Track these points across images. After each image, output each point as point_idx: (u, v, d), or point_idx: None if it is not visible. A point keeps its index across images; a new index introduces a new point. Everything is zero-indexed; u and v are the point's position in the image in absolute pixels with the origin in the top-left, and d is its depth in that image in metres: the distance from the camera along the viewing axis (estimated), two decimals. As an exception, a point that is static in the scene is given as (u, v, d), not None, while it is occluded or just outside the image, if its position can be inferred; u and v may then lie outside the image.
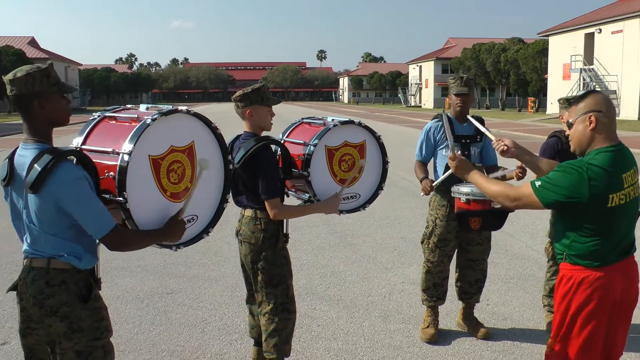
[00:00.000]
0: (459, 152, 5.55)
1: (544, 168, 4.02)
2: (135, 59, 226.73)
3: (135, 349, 5.74)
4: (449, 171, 5.58)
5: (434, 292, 5.95)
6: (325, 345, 5.79)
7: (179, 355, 5.61)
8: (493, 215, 5.34)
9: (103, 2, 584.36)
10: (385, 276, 7.92)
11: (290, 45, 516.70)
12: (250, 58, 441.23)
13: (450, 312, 6.48)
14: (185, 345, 5.82)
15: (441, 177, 5.64)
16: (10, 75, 3.09)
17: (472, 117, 5.54)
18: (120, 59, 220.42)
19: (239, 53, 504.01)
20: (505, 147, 4.16)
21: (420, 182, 5.78)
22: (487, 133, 5.13)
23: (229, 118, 35.20)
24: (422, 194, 5.76)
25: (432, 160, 6.02)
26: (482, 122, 5.72)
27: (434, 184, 5.64)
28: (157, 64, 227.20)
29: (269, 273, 4.55)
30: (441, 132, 5.85)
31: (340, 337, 5.97)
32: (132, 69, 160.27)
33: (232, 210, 4.24)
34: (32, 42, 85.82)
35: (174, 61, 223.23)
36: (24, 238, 3.24)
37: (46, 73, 3.10)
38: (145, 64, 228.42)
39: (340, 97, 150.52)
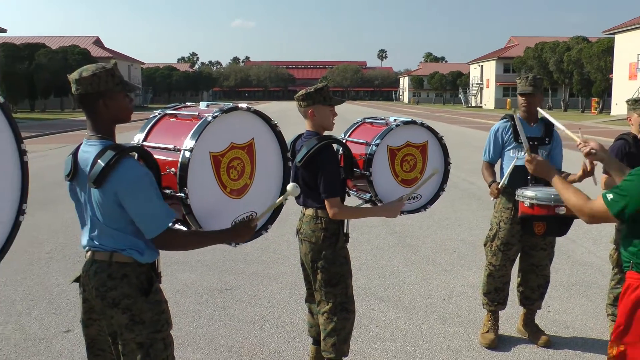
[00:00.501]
0: (542, 153, 5.45)
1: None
2: (197, 58, 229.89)
3: (194, 343, 5.80)
4: (510, 168, 5.51)
5: (495, 296, 5.84)
6: (383, 346, 5.75)
7: (237, 351, 5.65)
8: (558, 221, 5.20)
9: (166, 2, 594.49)
10: (444, 278, 7.83)
11: (350, 44, 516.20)
12: (310, 57, 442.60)
13: (511, 317, 6.36)
14: (243, 341, 5.85)
15: (505, 175, 5.54)
16: (75, 75, 3.13)
17: (543, 118, 5.40)
18: (183, 57, 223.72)
19: (300, 52, 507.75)
20: (593, 150, 3.82)
21: (489, 186, 5.70)
22: (568, 132, 4.83)
23: (288, 117, 35.46)
24: (492, 198, 5.68)
25: (499, 161, 5.92)
26: (550, 124, 5.58)
27: (499, 186, 5.55)
28: (218, 63, 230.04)
29: (328, 272, 4.53)
30: (509, 133, 5.73)
31: (399, 338, 5.92)
32: (194, 68, 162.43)
33: (292, 209, 4.24)
34: (97, 42, 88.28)
35: (235, 60, 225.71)
36: (85, 231, 3.31)
37: (111, 73, 3.13)
38: (206, 62, 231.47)
39: (400, 97, 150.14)
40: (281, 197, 3.49)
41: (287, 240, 9.47)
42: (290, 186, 3.42)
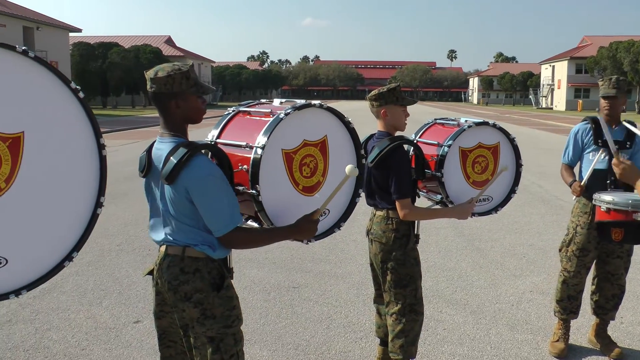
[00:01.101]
0: (624, 156, 5.25)
1: None
2: (267, 56, 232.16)
3: (261, 340, 5.83)
4: (589, 172, 5.36)
5: (567, 304, 5.68)
6: (450, 349, 5.67)
7: (304, 349, 5.65)
8: (637, 228, 5.01)
9: (237, 1, 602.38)
10: (513, 283, 7.67)
11: (420, 44, 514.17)
12: (380, 57, 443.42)
13: (581, 326, 6.19)
14: (310, 340, 5.85)
15: (585, 177, 5.40)
16: (151, 73, 3.17)
17: (625, 121, 5.24)
18: (252, 56, 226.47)
19: (369, 51, 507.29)
20: None
21: (570, 185, 5.56)
22: None
23: (357, 116, 35.40)
24: (574, 197, 5.54)
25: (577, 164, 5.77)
26: (634, 126, 5.41)
27: (582, 183, 5.41)
28: (287, 61, 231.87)
29: (398, 273, 4.49)
30: (589, 135, 5.58)
31: (466, 342, 5.83)
32: (263, 66, 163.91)
33: (360, 209, 4.21)
34: (169, 41, 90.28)
35: (305, 58, 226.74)
36: (158, 226, 3.35)
37: (186, 75, 3.15)
38: (276, 61, 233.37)
39: (470, 97, 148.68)
40: (341, 181, 3.43)
41: (354, 240, 9.44)
42: (348, 167, 3.36)
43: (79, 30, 57.90)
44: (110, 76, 64.59)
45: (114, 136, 30.14)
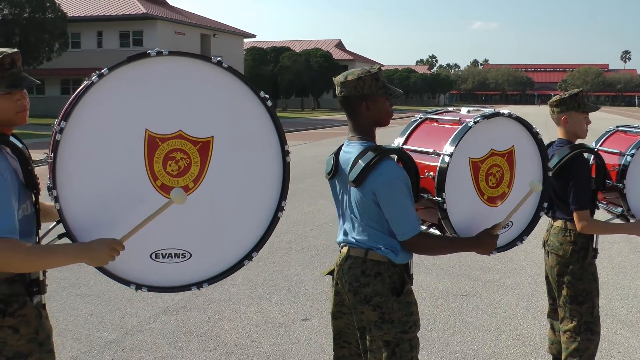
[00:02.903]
0: None
1: None
2: (436, 60, 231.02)
3: (428, 346, 5.80)
4: None
5: None
6: (626, 374, 5.40)
7: (472, 359, 5.59)
8: None
9: (406, 6, 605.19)
10: (697, 308, 7.17)
11: (592, 45, 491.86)
12: (550, 59, 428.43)
13: None
14: (478, 350, 5.77)
15: None
16: (341, 77, 3.27)
17: None
18: (421, 60, 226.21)
19: (540, 54, 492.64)
20: None
21: None
22: None
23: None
24: None
25: None
26: None
27: None
28: (456, 65, 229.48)
29: (575, 288, 4.36)
30: None
31: (644, 369, 5.53)
32: (432, 70, 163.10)
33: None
34: (339, 45, 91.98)
35: (474, 62, 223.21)
36: (343, 227, 3.44)
37: (375, 77, 3.22)
38: (444, 65, 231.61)
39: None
40: (524, 196, 3.40)
41: (524, 250, 9.14)
42: (532, 182, 3.33)
43: (253, 36, 60.51)
44: (281, 79, 66.89)
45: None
